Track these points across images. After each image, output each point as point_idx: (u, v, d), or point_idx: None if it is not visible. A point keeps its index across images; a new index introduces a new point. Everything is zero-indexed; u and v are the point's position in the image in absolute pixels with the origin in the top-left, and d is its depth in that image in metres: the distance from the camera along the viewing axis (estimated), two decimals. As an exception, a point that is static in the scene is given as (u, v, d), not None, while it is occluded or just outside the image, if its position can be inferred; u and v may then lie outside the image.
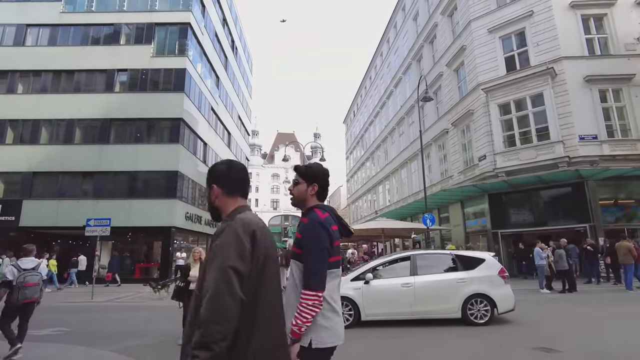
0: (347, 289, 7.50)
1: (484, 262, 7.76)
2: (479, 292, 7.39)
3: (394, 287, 7.59)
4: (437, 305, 7.46)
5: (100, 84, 22.56)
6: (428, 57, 27.40)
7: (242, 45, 39.54)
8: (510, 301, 7.51)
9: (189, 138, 22.94)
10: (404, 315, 7.51)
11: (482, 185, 18.44)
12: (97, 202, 20.47)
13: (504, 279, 7.60)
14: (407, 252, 8.66)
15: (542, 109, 17.88)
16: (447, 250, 9.61)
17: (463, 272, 7.62)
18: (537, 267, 12.39)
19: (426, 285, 7.52)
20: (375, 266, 8.22)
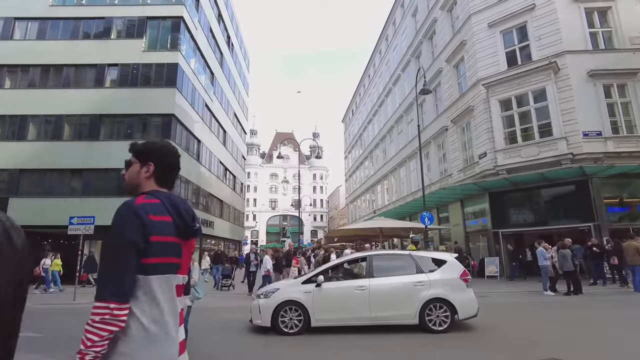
0: (296, 293, 7.12)
1: (446, 264, 7.27)
2: (438, 296, 6.88)
3: (348, 290, 7.08)
4: (393, 311, 6.93)
5: (90, 79, 21.96)
6: (427, 54, 26.86)
7: (239, 42, 38.96)
8: (472, 307, 7.00)
9: (181, 135, 22.32)
10: (358, 321, 6.97)
11: (482, 183, 17.88)
12: (85, 200, 19.84)
13: (466, 282, 7.11)
14: (365, 253, 8.20)
15: (544, 105, 17.36)
16: (407, 250, 9.02)
17: (422, 274, 7.10)
18: (541, 268, 11.81)
19: (381, 289, 7.01)
20: (329, 268, 7.73)
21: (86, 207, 19.38)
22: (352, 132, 51.67)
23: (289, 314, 6.97)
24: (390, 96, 34.78)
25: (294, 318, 6.93)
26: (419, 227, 20.30)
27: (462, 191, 19.55)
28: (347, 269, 7.82)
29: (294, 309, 6.96)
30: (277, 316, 6.93)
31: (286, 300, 7.01)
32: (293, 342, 6.45)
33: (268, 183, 78.06)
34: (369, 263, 7.41)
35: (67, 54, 22.05)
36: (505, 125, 18.54)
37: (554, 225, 17.06)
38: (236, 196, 37.96)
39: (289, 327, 6.91)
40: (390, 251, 9.43)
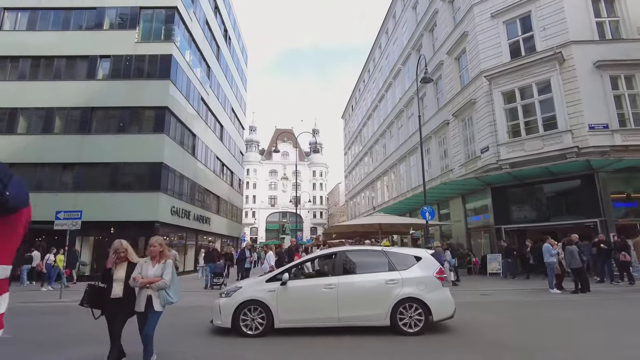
0: (259, 292, 6.58)
1: (420, 261, 6.74)
2: (411, 295, 6.36)
3: (315, 289, 6.56)
4: (363, 311, 6.40)
5: (81, 70, 21.39)
6: (428, 46, 26.28)
7: (236, 35, 38.33)
8: (448, 307, 6.49)
9: (175, 128, 21.77)
10: (325, 321, 6.45)
11: (485, 177, 17.34)
12: (77, 195, 19.35)
13: (442, 280, 6.59)
14: (336, 249, 7.66)
15: (549, 97, 16.83)
16: (381, 246, 8.47)
17: (395, 272, 6.58)
18: (547, 265, 11.28)
19: (351, 287, 6.51)
20: (297, 264, 7.22)
21: (78, 202, 18.92)
22: (351, 128, 51.12)
23: (251, 314, 6.44)
24: (390, 91, 34.23)
25: (256, 319, 6.42)
26: (418, 223, 19.82)
27: (463, 186, 19.02)
28: (315, 266, 7.29)
29: (256, 309, 6.45)
30: (238, 316, 6.43)
31: (248, 300, 6.48)
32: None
33: (267, 180, 77.63)
34: (339, 259, 6.91)
35: (58, 45, 21.48)
36: (508, 118, 18.01)
37: (558, 221, 16.54)
38: (234, 192, 37.43)
39: (250, 329, 6.41)
40: (363, 247, 8.87)
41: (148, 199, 19.45)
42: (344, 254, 7.06)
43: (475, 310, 8.81)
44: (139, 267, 4.61)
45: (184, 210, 22.76)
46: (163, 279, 4.53)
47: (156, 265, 4.64)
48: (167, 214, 20.37)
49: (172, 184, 21.19)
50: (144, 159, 19.80)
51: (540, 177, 16.86)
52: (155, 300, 4.51)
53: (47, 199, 19.04)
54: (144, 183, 19.81)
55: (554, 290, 11.15)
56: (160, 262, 4.64)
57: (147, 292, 4.51)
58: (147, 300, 4.49)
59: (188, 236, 24.67)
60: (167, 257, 4.73)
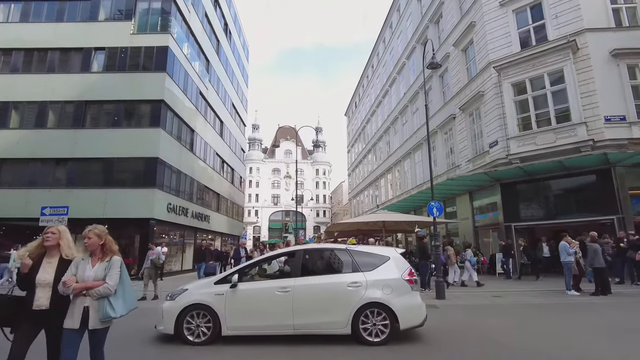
0: (205, 295, 5.90)
1: (388, 261, 6.01)
2: (375, 300, 5.64)
3: (268, 292, 5.86)
4: (321, 317, 5.68)
5: (75, 63, 20.77)
6: (434, 39, 25.33)
7: (237, 30, 37.62)
8: (417, 314, 5.77)
9: (172, 122, 21.10)
10: (279, 329, 5.76)
11: (494, 172, 16.52)
12: (70, 192, 18.77)
13: (411, 283, 5.85)
14: (295, 247, 6.90)
15: (562, 87, 16.02)
16: (347, 244, 7.66)
17: (358, 273, 5.86)
18: (564, 265, 10.46)
19: (308, 290, 5.79)
20: (250, 265, 6.50)
21: (72, 199, 18.40)
22: (355, 126, 50.35)
23: (196, 319, 5.78)
24: (394, 86, 33.44)
25: (201, 325, 5.76)
26: (424, 221, 19.02)
27: (471, 182, 18.20)
28: (269, 266, 6.57)
29: (202, 314, 5.79)
30: (182, 322, 5.76)
31: (193, 304, 5.82)
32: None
33: (270, 178, 77.01)
34: (298, 259, 6.20)
35: (51, 38, 20.90)
36: (518, 111, 17.20)
37: (571, 218, 15.69)
38: (235, 190, 36.78)
39: (195, 336, 5.73)
40: (325, 245, 8.06)
41: (143, 195, 18.81)
42: (303, 253, 6.34)
43: (485, 314, 8.04)
44: (73, 266, 3.41)
45: (182, 207, 22.10)
46: (106, 283, 3.36)
47: (97, 264, 3.46)
48: (163, 211, 19.71)
49: (168, 180, 20.53)
50: (139, 154, 19.17)
51: (553, 172, 16.04)
52: (92, 314, 3.31)
53: (39, 195, 18.50)
54: (139, 179, 19.17)
55: (571, 292, 10.34)
56: (103, 260, 3.50)
57: (85, 302, 3.32)
58: (84, 314, 3.30)
59: (186, 234, 24.02)
60: (113, 254, 3.58)
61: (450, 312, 8.41)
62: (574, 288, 10.46)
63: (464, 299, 10.07)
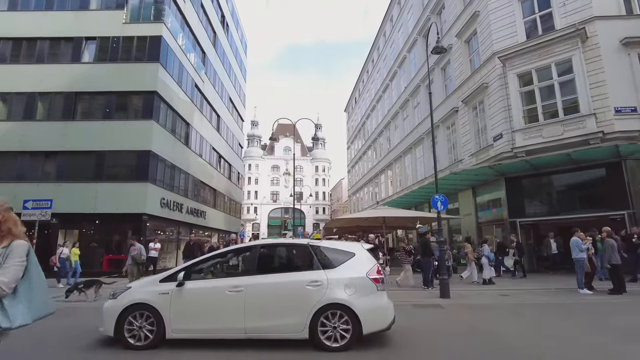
0: (149, 293, 5.33)
1: (353, 258, 5.43)
2: (336, 301, 5.07)
3: (218, 291, 5.29)
4: (276, 320, 5.12)
5: (65, 53, 20.10)
6: (434, 34, 24.72)
7: (235, 22, 36.89)
8: (382, 317, 5.20)
9: (165, 114, 20.45)
10: (229, 332, 5.19)
11: (498, 166, 15.91)
12: (59, 186, 18.16)
13: (377, 282, 5.24)
14: (251, 243, 6.36)
15: (570, 78, 15.44)
16: (311, 239, 6.98)
17: (319, 271, 5.30)
18: (576, 262, 9.85)
19: (262, 290, 5.24)
20: (200, 261, 5.88)
21: (61, 193, 17.87)
22: (354, 121, 49.70)
23: (139, 320, 5.22)
24: (395, 80, 32.81)
25: (144, 326, 5.20)
26: (426, 216, 18.44)
27: (475, 176, 17.59)
28: (225, 263, 5.96)
29: (146, 315, 5.23)
30: (123, 323, 5.20)
31: (136, 303, 5.27)
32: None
33: (269, 175, 76.41)
34: (253, 255, 5.65)
35: (40, 27, 20.20)
36: (524, 103, 16.60)
37: (579, 214, 15.07)
38: (232, 186, 36.14)
39: (137, 338, 5.17)
40: (285, 240, 7.42)
41: (135, 189, 18.19)
42: (259, 249, 5.76)
43: (492, 314, 7.44)
44: None
45: (176, 202, 21.47)
46: None
47: None
48: (156, 206, 19.09)
49: (161, 175, 19.90)
50: (131, 147, 18.54)
51: (560, 166, 15.45)
52: None
53: (28, 189, 17.83)
54: (131, 173, 18.56)
55: (583, 291, 9.73)
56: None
57: None
58: None
59: (181, 230, 23.42)
60: (14, 237, 2.58)
61: (454, 312, 7.81)
62: (587, 286, 9.86)
63: (470, 298, 9.48)
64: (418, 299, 9.27)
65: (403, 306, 8.46)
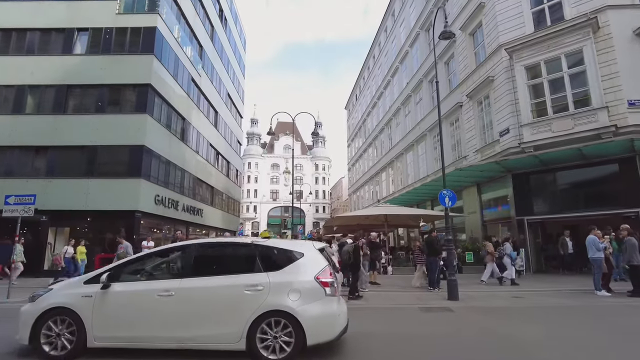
0: (70, 296, 4.77)
1: (301, 259, 4.80)
2: (277, 307, 4.48)
3: (147, 295, 4.69)
4: (210, 329, 4.51)
5: (56, 45, 19.41)
6: (439, 24, 24.01)
7: (233, 17, 36.20)
8: (330, 326, 4.60)
9: (160, 108, 19.79)
10: (157, 341, 4.59)
11: (506, 161, 15.28)
12: (50, 182, 17.53)
13: (326, 287, 4.61)
14: (186, 242, 5.62)
15: (581, 70, 14.80)
16: (260, 238, 6.25)
17: (261, 274, 4.69)
18: (593, 262, 9.22)
19: (196, 294, 4.65)
20: (130, 261, 5.26)
21: (52, 190, 17.28)
22: (355, 119, 49.08)
23: (58, 327, 4.63)
24: (396, 76, 32.17)
25: (63, 334, 4.62)
26: (429, 214, 17.84)
27: (481, 172, 16.95)
28: (157, 264, 5.32)
29: (65, 321, 4.64)
30: (39, 330, 4.61)
31: (55, 307, 4.68)
32: None
33: (269, 174, 75.75)
34: (189, 255, 5.04)
35: (31, 17, 19.51)
36: (532, 96, 15.97)
37: (590, 211, 14.41)
38: (231, 184, 35.49)
39: (54, 347, 4.59)
40: (227, 239, 6.69)
41: (128, 186, 17.54)
42: (197, 248, 5.17)
43: (506, 319, 6.79)
44: None
45: (171, 199, 20.82)
46: None
47: None
48: (150, 203, 18.44)
49: (156, 171, 19.24)
50: (124, 142, 17.87)
51: (571, 162, 14.80)
52: None
53: (16, 185, 17.13)
54: (123, 168, 17.89)
55: (601, 293, 9.10)
56: None
57: None
58: None
59: (177, 228, 22.72)
60: None
61: (466, 316, 7.17)
62: (604, 288, 9.22)
63: (480, 300, 8.84)
64: (425, 302, 8.64)
65: (410, 309, 7.85)
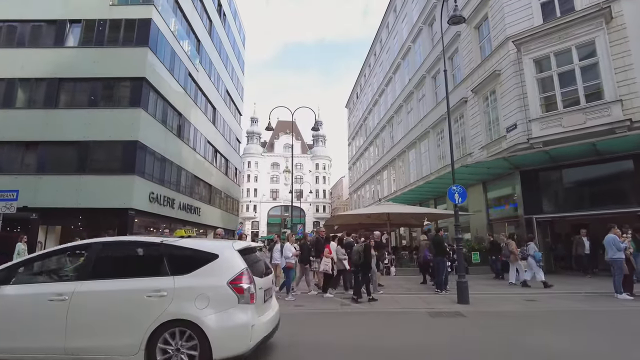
0: None
1: (215, 262, 4.21)
2: (181, 316, 3.91)
3: (38, 300, 4.12)
4: (105, 339, 3.95)
5: (48, 37, 18.86)
6: (442, 18, 23.45)
7: (232, 12, 35.57)
8: (241, 338, 3.98)
9: (155, 103, 19.17)
10: (46, 353, 3.99)
11: (515, 158, 14.64)
12: (40, 178, 16.97)
13: (240, 293, 4.03)
14: (89, 240, 4.88)
15: (593, 62, 14.15)
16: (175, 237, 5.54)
17: (167, 277, 4.11)
18: (613, 263, 8.58)
19: (91, 300, 4.08)
20: (26, 260, 4.62)
21: (42, 187, 16.69)
22: (356, 117, 48.45)
23: None
24: (398, 73, 31.55)
25: None
26: (433, 213, 17.22)
27: (487, 169, 16.30)
28: (55, 265, 4.72)
29: None
30: None
31: None
32: None
33: (269, 173, 75.10)
34: (89, 255, 4.42)
35: (22, 9, 18.95)
36: (541, 90, 15.33)
37: (603, 209, 13.73)
38: (229, 182, 34.86)
39: None
40: (133, 238, 5.89)
41: (121, 182, 16.94)
42: (99, 247, 4.49)
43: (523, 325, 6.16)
44: None
45: (167, 197, 20.20)
46: None
47: None
48: (144, 200, 17.82)
49: (150, 167, 18.62)
50: (117, 137, 17.27)
51: (583, 157, 14.15)
52: None
53: (5, 182, 16.58)
54: (117, 164, 17.31)
55: (622, 296, 8.46)
56: None
57: None
58: None
59: (173, 227, 22.12)
60: None
61: (480, 322, 6.55)
62: (626, 291, 8.58)
63: (492, 304, 8.20)
64: (433, 305, 7.99)
65: (418, 314, 7.22)
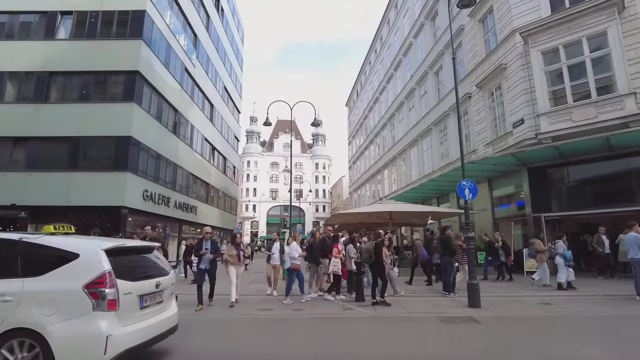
0: None
1: (74, 262, 3.64)
2: (23, 325, 3.39)
3: None
4: None
5: (38, 29, 18.33)
6: (444, 12, 22.94)
7: (231, 8, 34.98)
8: (93, 352, 3.37)
9: (149, 98, 18.57)
10: None
11: (523, 153, 14.04)
12: (29, 175, 16.42)
13: (96, 299, 3.48)
14: None
15: (604, 53, 13.58)
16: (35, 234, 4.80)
17: (17, 280, 3.59)
18: (635, 263, 7.98)
19: None
20: None
21: (31, 184, 16.10)
22: (356, 115, 47.86)
23: None
24: (399, 69, 30.95)
25: None
26: (437, 211, 16.67)
27: (494, 166, 15.68)
28: None
29: None
30: None
31: None
32: None
33: (269, 172, 74.54)
34: None
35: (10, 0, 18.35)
36: (549, 83, 14.73)
37: (615, 207, 13.15)
38: (228, 181, 34.26)
39: None
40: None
41: (113, 180, 16.35)
42: None
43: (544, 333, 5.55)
44: None
45: (162, 195, 19.59)
46: None
47: None
48: (137, 198, 17.22)
49: (144, 164, 18.02)
50: (110, 133, 16.69)
51: (594, 153, 13.55)
52: None
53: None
54: (109, 161, 16.72)
55: (644, 299, 7.86)
56: None
57: None
58: None
59: (169, 226, 21.54)
60: None
61: (498, 329, 5.93)
62: (646, 292, 7.98)
63: (506, 308, 7.59)
64: (443, 310, 7.37)
65: (427, 320, 6.60)
